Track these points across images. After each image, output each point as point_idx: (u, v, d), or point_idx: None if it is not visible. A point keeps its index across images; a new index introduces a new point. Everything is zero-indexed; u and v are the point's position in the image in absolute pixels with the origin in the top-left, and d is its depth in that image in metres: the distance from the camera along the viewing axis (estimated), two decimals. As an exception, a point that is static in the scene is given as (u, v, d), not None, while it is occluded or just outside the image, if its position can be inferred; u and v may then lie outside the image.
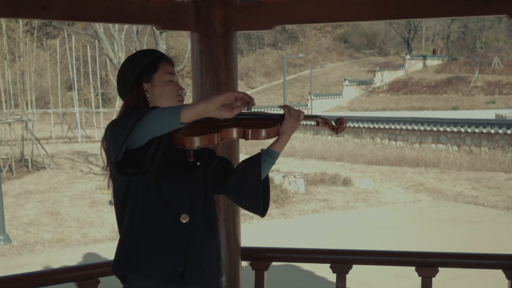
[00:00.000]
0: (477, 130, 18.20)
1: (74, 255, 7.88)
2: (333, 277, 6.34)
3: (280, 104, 39.05)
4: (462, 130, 18.62)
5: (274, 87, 51.58)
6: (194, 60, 3.28)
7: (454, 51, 53.65)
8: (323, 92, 47.94)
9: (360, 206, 11.10)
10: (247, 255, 3.45)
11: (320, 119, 2.37)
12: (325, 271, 3.04)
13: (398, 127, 21.07)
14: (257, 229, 9.38)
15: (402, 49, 59.57)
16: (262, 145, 16.61)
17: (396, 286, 6.46)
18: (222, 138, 2.16)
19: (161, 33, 13.78)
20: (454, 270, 6.04)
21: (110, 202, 10.89)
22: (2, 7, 2.73)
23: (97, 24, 14.14)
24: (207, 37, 3.20)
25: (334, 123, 2.39)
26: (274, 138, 2.33)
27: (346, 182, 12.98)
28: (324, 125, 2.38)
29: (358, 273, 6.66)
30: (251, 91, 51.50)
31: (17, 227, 9.42)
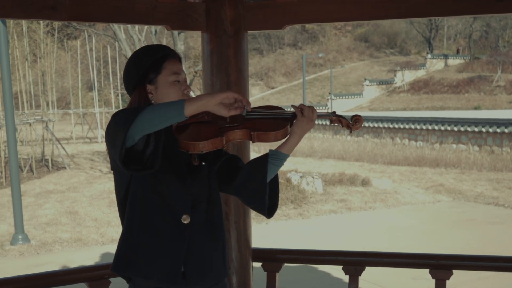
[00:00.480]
0: (498, 130, 17.97)
1: (92, 255, 7.92)
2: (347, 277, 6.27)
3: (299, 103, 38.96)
4: (484, 130, 18.40)
5: (294, 87, 51.50)
6: (204, 60, 3.27)
7: (476, 50, 53.13)
8: (343, 92, 47.76)
9: (378, 207, 11.02)
10: (259, 256, 3.43)
11: (333, 117, 2.31)
12: (341, 272, 3.01)
13: (419, 127, 20.89)
14: (274, 229, 9.35)
15: (423, 48, 59.12)
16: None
17: (413, 288, 6.40)
18: (228, 141, 2.15)
19: (179, 33, 13.81)
20: (472, 272, 5.96)
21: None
22: (12, 9, 2.73)
23: (115, 25, 14.21)
24: (218, 37, 3.19)
25: (350, 120, 2.31)
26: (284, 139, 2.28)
27: (365, 183, 12.90)
28: (337, 122, 2.31)
29: (375, 274, 6.62)
30: (271, 91, 51.50)
31: (36, 227, 9.50)
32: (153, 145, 2.02)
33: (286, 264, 3.51)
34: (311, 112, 2.23)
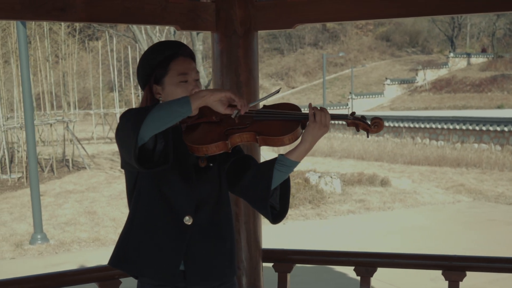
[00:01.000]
0: (521, 129, 17.76)
1: (109, 255, 7.95)
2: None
3: (320, 103, 38.90)
4: (506, 129, 18.17)
5: (314, 87, 51.34)
6: (214, 60, 3.27)
7: (500, 49, 52.42)
8: (364, 91, 47.48)
9: (397, 207, 10.93)
10: (270, 257, 3.42)
11: (349, 120, 2.16)
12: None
13: (440, 127, 20.70)
14: (291, 229, 9.33)
15: (445, 47, 58.52)
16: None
17: (430, 289, 6.33)
18: (233, 144, 2.13)
19: (198, 33, 13.84)
20: (486, 274, 5.87)
21: (147, 202, 10.98)
22: (22, 10, 2.75)
23: (135, 25, 14.29)
24: (227, 37, 3.18)
25: (369, 123, 2.15)
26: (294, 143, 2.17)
27: (384, 183, 12.81)
28: (353, 125, 2.17)
29: (391, 275, 6.56)
30: (291, 91, 51.40)
31: (55, 227, 9.58)
32: (162, 141, 2.03)
33: (301, 265, 3.50)
34: (324, 116, 2.10)
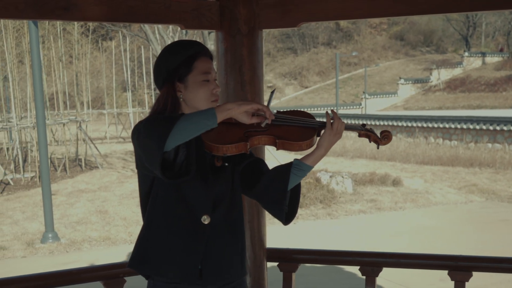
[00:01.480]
0: (536, 129, 17.60)
1: (119, 254, 7.99)
2: (377, 280, 6.21)
3: (332, 103, 38.79)
4: (520, 129, 18.04)
5: (327, 86, 51.24)
6: (218, 59, 3.26)
7: (515, 48, 52.04)
8: (378, 91, 47.31)
9: (408, 207, 10.87)
10: (274, 256, 3.41)
11: (361, 131, 2.28)
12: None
13: (453, 126, 20.57)
14: (302, 229, 9.32)
15: (460, 46, 58.17)
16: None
17: (440, 290, 6.29)
18: (252, 145, 2.18)
19: (209, 33, 13.85)
20: (493, 275, 5.82)
21: (158, 201, 11.01)
22: (25, 9, 2.76)
23: (147, 25, 14.34)
24: (232, 36, 3.18)
25: (379, 135, 2.27)
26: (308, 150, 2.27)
27: (396, 182, 12.74)
28: (365, 136, 2.29)
29: (400, 275, 6.53)
30: (305, 91, 51.34)
31: (66, 226, 9.64)
32: (184, 151, 2.06)
33: (310, 264, 3.50)
34: (341, 125, 2.23)
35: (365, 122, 21.96)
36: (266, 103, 2.29)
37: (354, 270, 6.84)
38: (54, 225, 9.14)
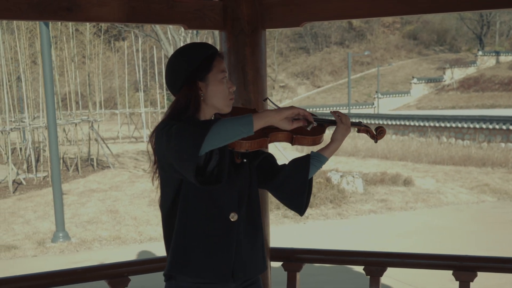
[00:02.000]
0: (549, 129, 17.44)
1: (129, 253, 8.02)
2: (385, 280, 6.22)
3: (345, 103, 38.69)
4: (534, 128, 17.89)
5: (340, 86, 51.12)
6: (222, 59, 3.26)
7: (530, 46, 51.62)
8: (391, 90, 47.12)
9: (419, 207, 10.82)
10: (278, 256, 3.40)
11: (361, 127, 2.44)
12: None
13: (466, 126, 20.44)
14: (311, 229, 9.31)
15: (474, 45, 57.79)
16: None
17: (449, 290, 6.25)
18: (270, 141, 2.27)
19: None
20: (498, 275, 5.77)
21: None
22: (28, 10, 2.78)
23: (157, 26, 14.38)
24: (235, 36, 3.18)
25: (375, 131, 2.47)
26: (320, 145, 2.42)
27: (407, 182, 12.68)
28: (364, 132, 2.44)
29: (410, 275, 6.51)
30: (317, 90, 51.25)
31: (77, 225, 9.69)
32: (217, 158, 2.10)
33: (319, 264, 3.50)
34: (348, 119, 2.38)
35: (377, 121, 21.76)
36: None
37: (362, 270, 6.84)
38: (65, 224, 9.21)
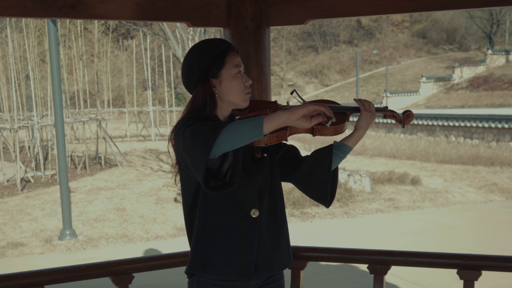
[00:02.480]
0: (558, 128, 17.34)
1: (136, 251, 8.04)
2: (391, 279, 6.20)
3: (353, 102, 38.59)
4: (543, 127, 17.79)
5: (348, 85, 51.05)
6: (226, 56, 3.26)
7: (540, 45, 51.32)
8: (399, 89, 47.02)
9: (426, 206, 10.78)
10: (282, 254, 3.40)
11: (387, 112, 2.37)
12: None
13: (474, 125, 20.36)
14: (318, 227, 9.29)
15: (483, 44, 57.56)
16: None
17: (455, 289, 6.23)
18: (290, 133, 2.19)
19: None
20: (503, 275, 5.75)
21: (175, 200, 11.06)
22: (33, 7, 2.79)
23: (165, 24, 14.39)
24: (239, 33, 3.18)
25: (402, 115, 2.38)
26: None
27: (415, 181, 12.64)
28: (391, 117, 2.39)
29: (415, 274, 6.50)
30: (325, 89, 51.19)
31: (84, 223, 9.72)
32: (231, 160, 2.06)
33: (325, 263, 3.49)
34: (372, 106, 2.31)
35: (386, 120, 21.58)
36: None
37: (366, 268, 6.82)
38: (72, 222, 9.24)
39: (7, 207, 11.04)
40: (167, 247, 8.12)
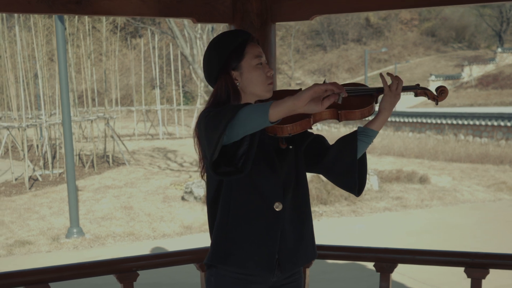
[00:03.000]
0: None
1: (142, 249, 8.05)
2: (399, 278, 6.18)
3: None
4: (552, 126, 17.67)
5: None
6: (231, 53, 3.24)
7: (550, 43, 50.99)
8: (408, 87, 46.79)
9: (435, 205, 10.72)
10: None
11: (418, 90, 2.30)
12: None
13: (483, 123, 20.25)
14: (325, 226, 9.26)
15: (493, 42, 57.25)
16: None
17: (464, 288, 6.19)
18: (315, 121, 2.13)
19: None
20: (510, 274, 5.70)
21: (183, 198, 11.06)
22: (37, 3, 2.78)
23: (172, 22, 14.39)
24: (244, 29, 3.15)
25: (435, 92, 2.29)
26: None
27: (423, 180, 12.58)
28: (423, 95, 2.30)
29: (422, 272, 6.46)
30: (334, 88, 51.03)
31: (91, 221, 9.73)
32: (246, 145, 2.01)
33: (332, 261, 3.46)
34: (399, 85, 2.23)
35: (394, 119, 21.50)
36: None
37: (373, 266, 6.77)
38: (79, 220, 9.25)
39: (15, 206, 11.08)
40: (174, 246, 8.12)
